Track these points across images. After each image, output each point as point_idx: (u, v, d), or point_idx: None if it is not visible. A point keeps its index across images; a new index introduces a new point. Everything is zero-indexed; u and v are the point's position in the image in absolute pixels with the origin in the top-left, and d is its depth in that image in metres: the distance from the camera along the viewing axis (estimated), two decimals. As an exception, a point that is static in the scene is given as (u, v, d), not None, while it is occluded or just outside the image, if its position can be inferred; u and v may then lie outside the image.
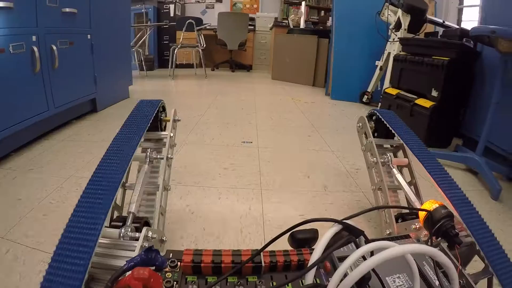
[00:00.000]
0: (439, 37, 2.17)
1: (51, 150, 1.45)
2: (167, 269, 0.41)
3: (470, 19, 3.10)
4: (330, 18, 3.48)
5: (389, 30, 2.44)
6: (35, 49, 1.41)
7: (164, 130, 0.91)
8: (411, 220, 0.73)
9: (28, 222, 0.91)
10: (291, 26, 4.38)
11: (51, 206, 0.99)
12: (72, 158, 1.36)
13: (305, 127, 2.02)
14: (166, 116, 0.93)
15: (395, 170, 0.85)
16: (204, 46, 3.95)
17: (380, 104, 2.32)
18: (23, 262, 0.75)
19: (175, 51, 3.81)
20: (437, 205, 0.51)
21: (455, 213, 0.53)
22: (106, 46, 2.19)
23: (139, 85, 3.40)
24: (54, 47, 1.55)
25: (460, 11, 3.26)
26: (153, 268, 0.36)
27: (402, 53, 2.18)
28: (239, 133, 1.82)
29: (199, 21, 3.94)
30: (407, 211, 0.78)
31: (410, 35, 2.30)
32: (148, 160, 0.75)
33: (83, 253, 0.38)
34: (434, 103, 1.67)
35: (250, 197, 1.09)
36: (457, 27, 2.45)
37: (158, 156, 0.77)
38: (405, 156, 0.90)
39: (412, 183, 0.85)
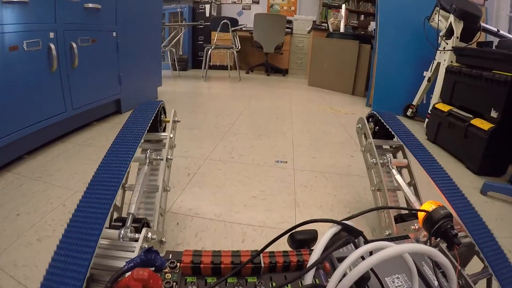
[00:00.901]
0: (494, 48, 1.91)
1: (65, 155, 1.40)
2: (166, 270, 0.41)
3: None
4: (373, 22, 3.39)
5: (439, 38, 2.18)
6: (52, 46, 1.33)
7: (164, 131, 0.91)
8: (410, 221, 0.73)
9: (20, 247, 0.81)
10: (331, 30, 4.11)
11: (48, 229, 0.89)
12: (83, 167, 1.28)
13: (347, 143, 1.81)
14: (166, 117, 0.93)
15: (394, 171, 0.85)
16: (239, 47, 3.85)
17: (427, 120, 2.11)
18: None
19: (209, 52, 3.74)
20: (436, 206, 0.51)
21: (454, 213, 0.54)
22: (134, 45, 2.10)
23: (170, 85, 3.33)
24: (74, 45, 1.48)
25: None
26: (153, 269, 0.36)
27: (455, 64, 1.93)
28: (272, 149, 1.63)
29: (234, 22, 3.80)
30: (406, 211, 0.78)
31: (463, 44, 2.06)
32: (148, 161, 0.75)
33: (84, 254, 0.38)
34: (493, 125, 1.44)
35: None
36: (515, 37, 2.19)
37: (158, 157, 0.78)
38: (405, 157, 0.90)
39: (411, 184, 0.85)
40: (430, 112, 2.07)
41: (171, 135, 0.84)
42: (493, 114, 1.49)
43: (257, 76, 4.45)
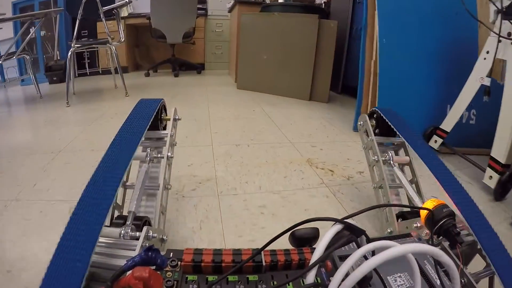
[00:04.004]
0: None
1: None
2: (167, 269, 0.41)
3: None
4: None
5: (494, 14, 1.12)
6: None
7: (165, 129, 0.91)
8: (412, 219, 0.72)
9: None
10: (267, 1, 2.77)
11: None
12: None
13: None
14: (166, 115, 0.92)
15: (396, 168, 0.85)
16: (122, 40, 2.49)
17: (498, 175, 1.09)
18: None
19: (72, 54, 2.28)
20: (438, 204, 0.50)
21: (456, 211, 0.53)
22: None
23: None
24: None
25: None
26: (154, 267, 0.36)
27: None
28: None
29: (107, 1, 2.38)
30: (408, 209, 0.77)
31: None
32: (148, 159, 0.75)
33: (83, 252, 0.38)
34: None
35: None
36: None
37: (159, 155, 0.77)
38: (407, 154, 0.90)
39: (414, 182, 0.85)
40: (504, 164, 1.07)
41: (172, 133, 0.84)
42: None
43: (160, 80, 3.09)
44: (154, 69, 3.40)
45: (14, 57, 2.41)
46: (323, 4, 2.63)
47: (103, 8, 2.33)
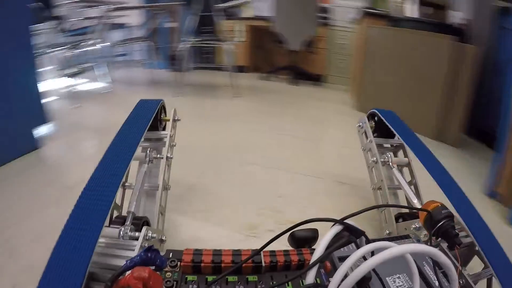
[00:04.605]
0: None
1: None
2: (167, 269, 0.41)
3: None
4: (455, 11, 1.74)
5: None
6: None
7: (164, 130, 0.91)
8: (411, 220, 0.73)
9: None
10: (396, 16, 2.29)
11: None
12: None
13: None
14: (166, 115, 0.93)
15: (395, 170, 0.85)
16: (240, 39, 2.66)
17: None
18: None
19: (187, 47, 2.39)
20: (437, 205, 0.51)
21: (455, 213, 0.53)
22: None
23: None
24: None
25: None
26: (153, 267, 0.36)
27: None
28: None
29: None
30: (407, 210, 0.78)
31: None
32: (148, 160, 0.75)
33: (83, 252, 0.38)
34: None
35: None
36: None
37: (158, 156, 0.77)
38: (405, 155, 0.90)
39: (412, 183, 0.85)
40: None
41: (171, 134, 0.84)
42: None
43: (275, 86, 2.92)
44: (272, 74, 3.22)
45: (139, 42, 2.90)
46: (461, 25, 2.05)
47: (218, 5, 2.44)
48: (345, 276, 0.31)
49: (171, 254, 0.43)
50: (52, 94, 2.19)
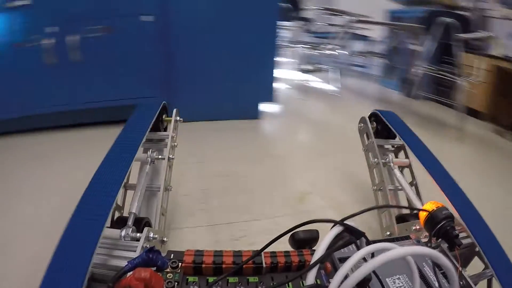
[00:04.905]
0: None
1: (42, 147, 1.33)
2: (168, 270, 0.41)
3: None
4: None
5: None
6: (48, 41, 1.30)
7: (166, 131, 0.91)
8: (411, 221, 0.73)
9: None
10: None
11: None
12: (49, 178, 1.09)
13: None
14: (167, 116, 0.93)
15: (396, 171, 0.85)
16: (477, 79, 2.15)
17: None
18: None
19: (417, 73, 2.12)
20: (437, 206, 0.51)
21: (455, 214, 0.53)
22: (199, 33, 1.54)
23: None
24: (73, 38, 1.33)
25: None
26: (154, 268, 0.36)
27: None
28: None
29: (462, 24, 2.04)
30: (407, 211, 0.78)
31: None
32: (149, 160, 0.75)
33: (85, 252, 0.38)
34: None
35: None
36: None
37: (160, 157, 0.77)
38: (406, 156, 0.90)
39: (413, 184, 0.85)
40: None
41: (173, 135, 0.84)
42: None
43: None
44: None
45: (376, 57, 2.93)
46: None
47: (459, 35, 2.01)
48: (346, 277, 0.31)
49: (172, 255, 0.43)
50: (285, 82, 2.56)
